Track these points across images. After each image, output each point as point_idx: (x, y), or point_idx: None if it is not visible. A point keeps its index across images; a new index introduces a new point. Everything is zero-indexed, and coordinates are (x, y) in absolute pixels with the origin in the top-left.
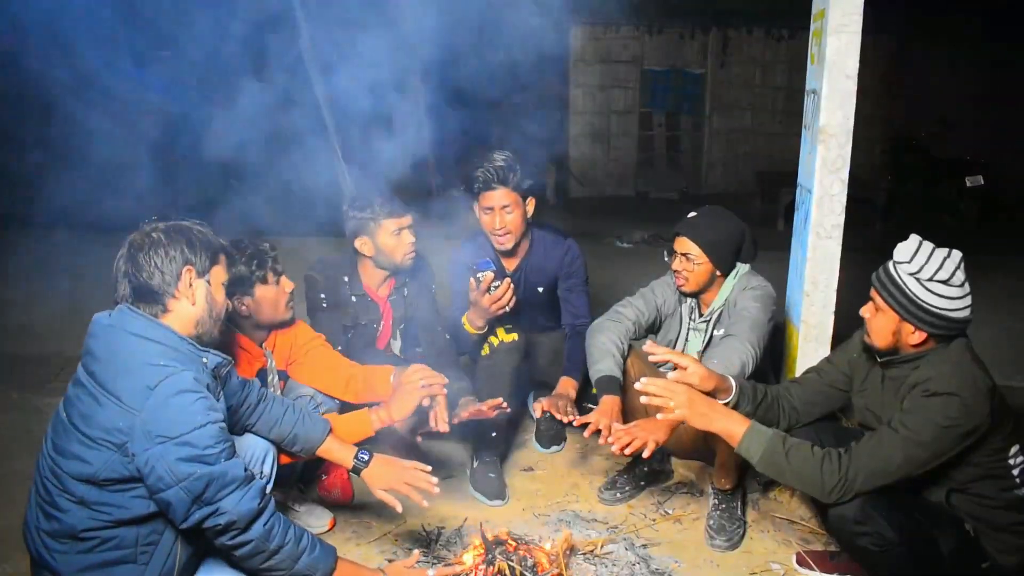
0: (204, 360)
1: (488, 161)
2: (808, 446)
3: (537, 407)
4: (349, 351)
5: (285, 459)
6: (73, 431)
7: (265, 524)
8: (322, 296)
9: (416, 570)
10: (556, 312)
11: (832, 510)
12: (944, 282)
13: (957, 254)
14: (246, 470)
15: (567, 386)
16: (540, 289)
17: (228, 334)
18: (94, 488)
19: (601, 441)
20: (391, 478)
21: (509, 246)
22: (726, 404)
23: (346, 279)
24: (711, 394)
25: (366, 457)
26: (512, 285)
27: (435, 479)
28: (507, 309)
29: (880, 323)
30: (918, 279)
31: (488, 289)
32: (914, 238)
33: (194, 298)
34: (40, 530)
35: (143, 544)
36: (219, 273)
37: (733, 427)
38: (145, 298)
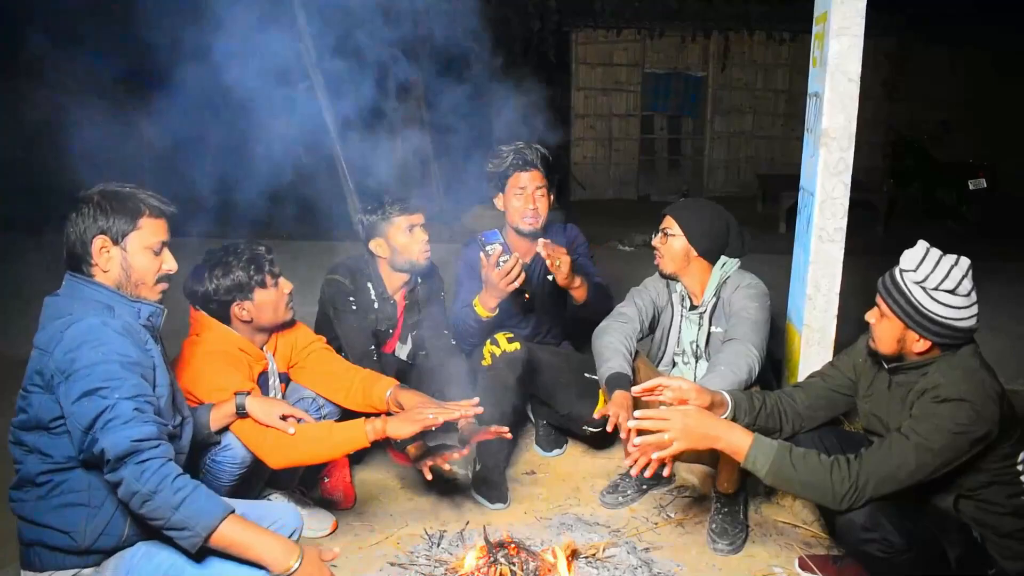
0: (137, 308)
1: (520, 144)
2: (815, 455)
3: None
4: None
5: (280, 465)
6: (20, 392)
7: (139, 463)
8: (351, 299)
9: (325, 567)
10: (561, 304)
11: (841, 516)
12: (950, 291)
13: (965, 262)
14: (143, 411)
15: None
16: (550, 277)
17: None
18: (44, 434)
19: (609, 428)
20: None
21: (538, 227)
22: None
23: (369, 284)
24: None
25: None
26: (519, 260)
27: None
28: (516, 285)
29: (884, 329)
30: (923, 288)
31: (497, 264)
32: (921, 245)
33: (107, 266)
34: (10, 488)
35: (94, 488)
36: (141, 237)
37: (736, 442)
38: (73, 264)
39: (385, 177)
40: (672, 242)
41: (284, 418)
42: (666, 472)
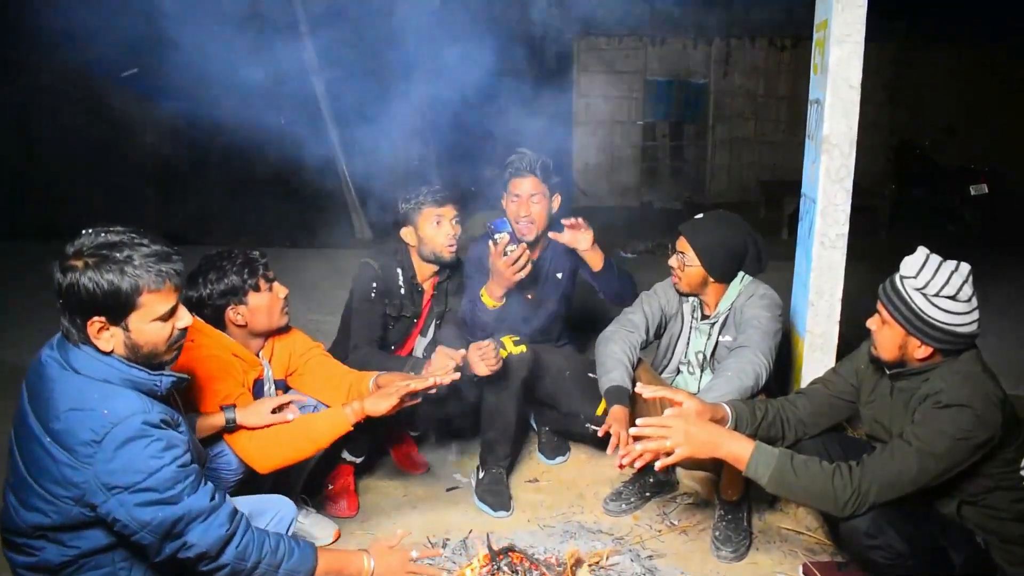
0: (157, 384)
1: (521, 151)
2: (817, 461)
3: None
4: (384, 344)
5: (268, 468)
6: (33, 485)
7: (237, 547)
8: (374, 285)
9: (399, 549)
10: (565, 304)
11: (844, 523)
12: (951, 297)
13: (965, 267)
14: (213, 498)
15: None
16: (559, 275)
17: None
18: (70, 533)
19: (609, 450)
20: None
21: (531, 236)
22: None
23: (399, 270)
24: None
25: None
26: (527, 249)
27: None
28: (522, 274)
29: (886, 336)
30: (924, 294)
31: (504, 253)
32: (921, 251)
33: (108, 345)
34: (19, 565)
35: (120, 562)
36: (145, 314)
37: (738, 450)
38: (71, 337)
39: (389, 186)
40: (689, 270)
41: (277, 412)
42: (658, 466)
